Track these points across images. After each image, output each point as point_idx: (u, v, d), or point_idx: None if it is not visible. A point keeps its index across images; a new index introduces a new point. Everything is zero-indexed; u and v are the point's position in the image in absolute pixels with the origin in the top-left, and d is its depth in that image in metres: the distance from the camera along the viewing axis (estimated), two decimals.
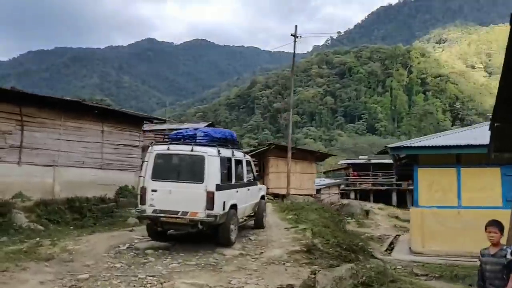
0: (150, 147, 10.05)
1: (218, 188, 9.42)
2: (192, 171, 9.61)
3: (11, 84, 33.15)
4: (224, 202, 9.64)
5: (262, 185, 13.82)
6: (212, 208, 9.26)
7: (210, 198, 9.25)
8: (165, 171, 9.73)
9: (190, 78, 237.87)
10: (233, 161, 10.57)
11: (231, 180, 10.34)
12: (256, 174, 12.68)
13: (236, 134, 12.81)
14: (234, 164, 10.59)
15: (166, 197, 9.48)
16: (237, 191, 10.58)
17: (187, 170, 9.70)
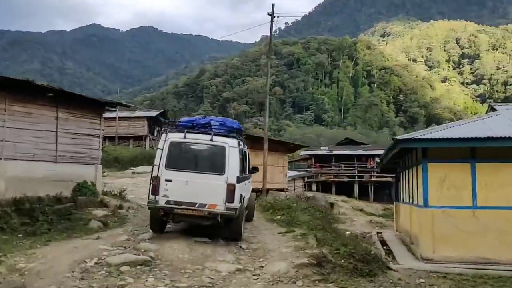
0: (164, 134, 9.37)
1: (238, 181, 9.10)
2: (212, 162, 9.16)
3: None
4: (241, 195, 9.36)
5: None
6: (233, 201, 8.92)
7: (231, 191, 8.89)
8: (181, 161, 9.17)
9: (137, 66, 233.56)
10: (245, 153, 10.49)
11: (244, 172, 10.05)
12: (253, 167, 12.09)
13: None
14: (244, 156, 10.30)
15: (182, 188, 8.94)
16: (245, 184, 10.40)
17: (206, 161, 9.24)
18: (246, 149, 11.21)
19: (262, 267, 8.16)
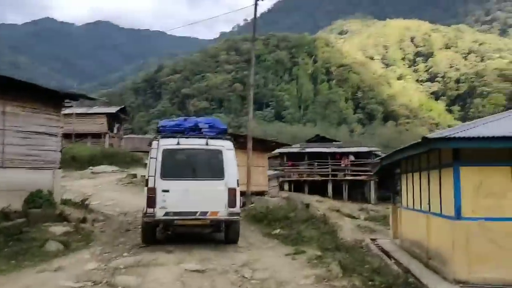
0: (155, 142, 8.81)
1: (238, 184, 8.81)
2: (210, 167, 8.86)
3: None
4: (241, 199, 9.23)
5: None
6: (235, 206, 8.68)
7: (233, 195, 8.64)
8: (177, 169, 8.80)
9: (93, 61, 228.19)
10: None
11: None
12: None
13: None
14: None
15: (180, 197, 8.54)
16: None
17: (204, 166, 8.96)
18: None
19: None
